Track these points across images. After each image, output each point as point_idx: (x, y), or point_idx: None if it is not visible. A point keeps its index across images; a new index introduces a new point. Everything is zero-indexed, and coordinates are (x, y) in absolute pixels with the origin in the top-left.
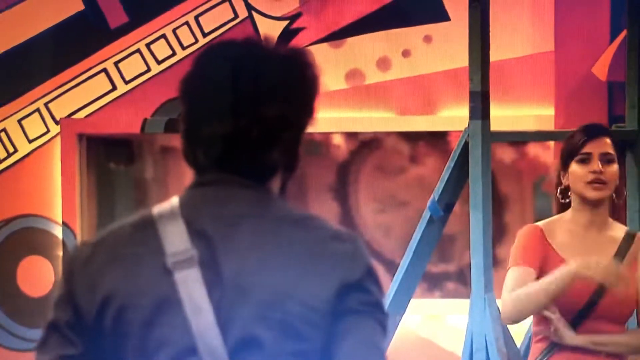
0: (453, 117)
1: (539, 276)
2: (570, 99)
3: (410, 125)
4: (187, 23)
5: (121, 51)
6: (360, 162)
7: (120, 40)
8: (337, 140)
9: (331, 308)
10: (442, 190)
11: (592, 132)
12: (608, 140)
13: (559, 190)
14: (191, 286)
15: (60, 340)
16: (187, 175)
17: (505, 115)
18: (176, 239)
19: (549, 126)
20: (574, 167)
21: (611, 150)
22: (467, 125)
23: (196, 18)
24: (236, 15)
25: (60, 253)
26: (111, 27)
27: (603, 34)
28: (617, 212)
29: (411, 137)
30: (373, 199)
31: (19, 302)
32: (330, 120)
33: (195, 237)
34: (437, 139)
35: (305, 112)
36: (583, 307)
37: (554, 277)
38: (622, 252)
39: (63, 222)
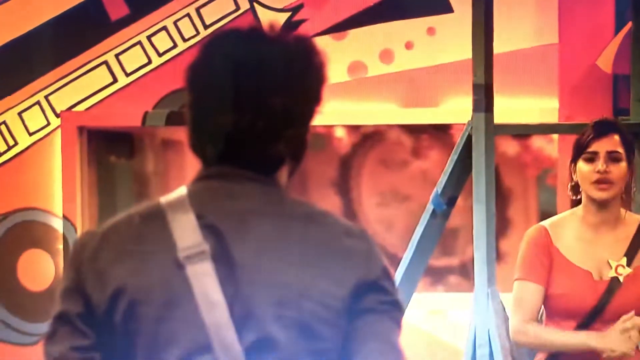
0: (456, 109)
1: (548, 284)
2: (574, 92)
3: (413, 118)
4: (188, 15)
5: (122, 43)
6: (362, 155)
7: (121, 32)
8: (340, 133)
9: (347, 307)
10: (445, 183)
11: (599, 129)
12: (616, 138)
13: (569, 187)
14: (204, 281)
15: (71, 331)
16: (189, 169)
17: (509, 108)
18: (187, 232)
19: (553, 119)
20: (581, 165)
21: (619, 149)
22: (470, 118)
23: (197, 10)
24: (238, 7)
25: (61, 246)
26: (112, 19)
27: (608, 26)
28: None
29: (414, 130)
30: (375, 193)
31: (19, 296)
32: (332, 112)
33: (206, 231)
34: (440, 131)
35: (313, 100)
36: (593, 308)
37: (569, 339)
38: (634, 248)
39: (63, 216)
